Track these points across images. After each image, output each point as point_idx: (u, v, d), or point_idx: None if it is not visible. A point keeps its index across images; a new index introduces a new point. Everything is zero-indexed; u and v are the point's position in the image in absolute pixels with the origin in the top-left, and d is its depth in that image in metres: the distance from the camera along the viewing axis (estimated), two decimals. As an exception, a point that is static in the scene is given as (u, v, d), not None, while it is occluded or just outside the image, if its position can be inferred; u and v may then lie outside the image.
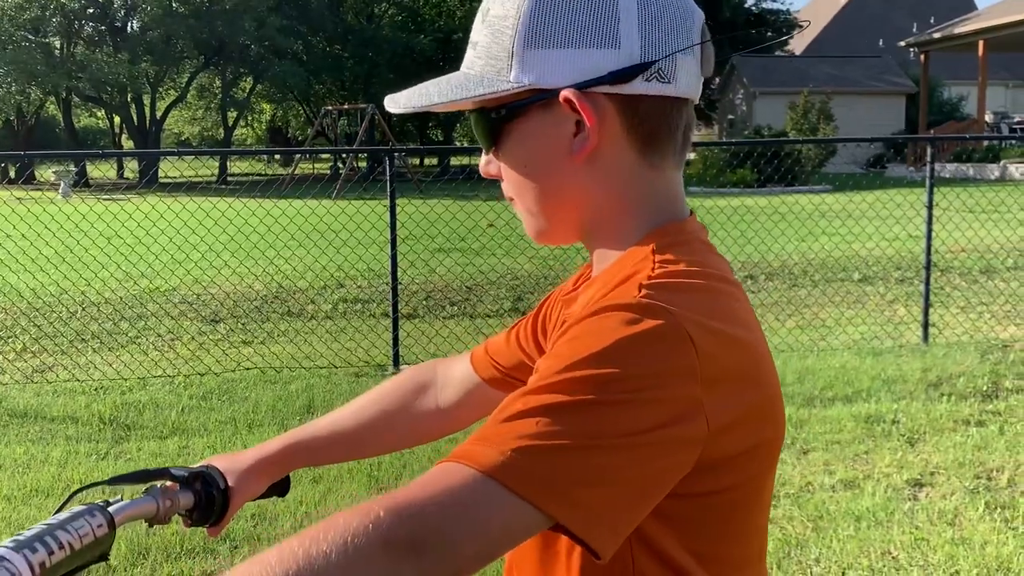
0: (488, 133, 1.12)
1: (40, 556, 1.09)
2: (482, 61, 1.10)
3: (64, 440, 5.93)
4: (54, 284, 10.58)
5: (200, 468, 1.45)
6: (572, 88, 1.04)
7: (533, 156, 1.10)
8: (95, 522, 1.19)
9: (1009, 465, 5.24)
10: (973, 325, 8.68)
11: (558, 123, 1.07)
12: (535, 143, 1.09)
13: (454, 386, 1.53)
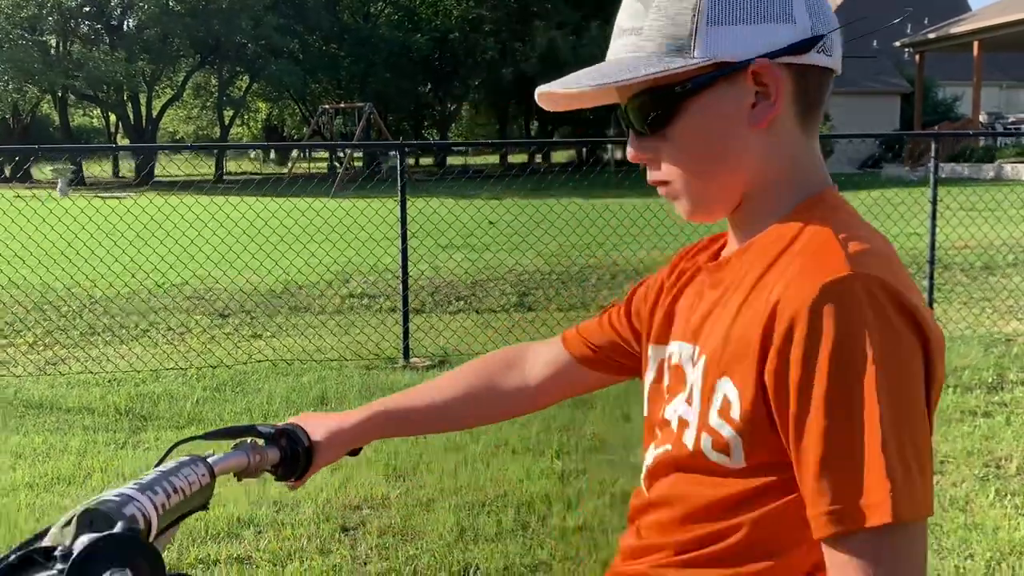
0: (663, 111, 1.17)
1: (160, 498, 1.16)
2: (654, 43, 1.15)
3: (82, 430, 5.99)
4: (61, 279, 10.61)
5: (285, 426, 1.52)
6: (762, 58, 1.13)
7: (714, 127, 1.16)
8: (199, 471, 1.26)
9: (1017, 454, 5.32)
10: (976, 320, 8.77)
11: (740, 95, 1.15)
12: (717, 114, 1.16)
13: (543, 364, 1.59)
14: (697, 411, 1.18)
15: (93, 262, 9.48)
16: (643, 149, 1.22)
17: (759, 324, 1.08)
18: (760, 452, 1.11)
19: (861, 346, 1.00)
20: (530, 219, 11.47)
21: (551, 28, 40.30)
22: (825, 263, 1.06)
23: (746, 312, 1.13)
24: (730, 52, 1.13)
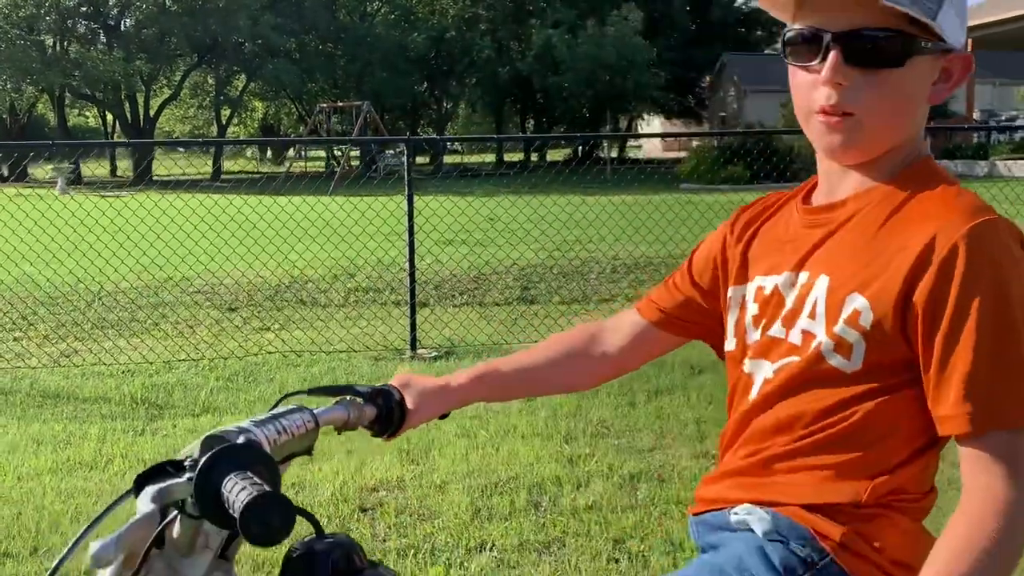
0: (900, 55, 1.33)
1: (272, 434, 1.31)
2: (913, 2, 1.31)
3: (100, 418, 6.13)
4: (69, 275, 10.75)
5: (382, 386, 1.66)
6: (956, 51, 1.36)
7: (917, 88, 1.36)
8: (305, 418, 1.40)
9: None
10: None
11: (934, 71, 1.37)
12: (922, 78, 1.36)
13: (623, 332, 1.76)
14: (823, 322, 1.36)
15: (100, 259, 9.60)
16: (848, 78, 1.34)
17: (910, 252, 1.28)
18: (877, 354, 1.31)
19: (1013, 276, 1.23)
20: (529, 217, 11.63)
21: (547, 27, 40.45)
22: (969, 208, 1.28)
23: (884, 241, 1.33)
24: (947, 36, 1.33)
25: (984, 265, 1.23)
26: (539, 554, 4.06)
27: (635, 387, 6.47)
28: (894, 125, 1.37)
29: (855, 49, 1.32)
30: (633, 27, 39.06)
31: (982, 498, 1.19)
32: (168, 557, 1.24)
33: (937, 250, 1.25)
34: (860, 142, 1.37)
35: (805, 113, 1.40)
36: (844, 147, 1.37)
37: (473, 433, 5.63)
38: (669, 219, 10.99)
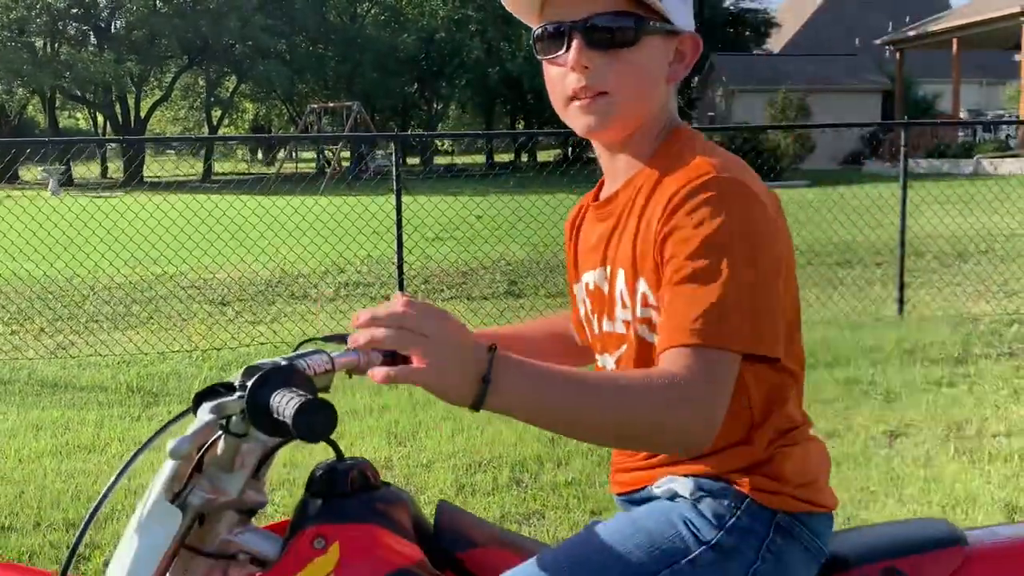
0: (633, 35, 1.49)
1: (301, 365, 1.49)
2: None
3: (97, 406, 6.31)
4: (63, 272, 10.92)
5: None
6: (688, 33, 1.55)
7: (653, 65, 1.53)
8: (323, 359, 1.58)
9: (977, 418, 5.70)
10: (946, 302, 9.16)
11: (668, 51, 1.55)
12: (657, 56, 1.53)
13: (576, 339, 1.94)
14: (631, 309, 1.53)
15: (96, 253, 9.78)
16: (591, 61, 1.49)
17: (655, 225, 1.44)
18: None
19: (725, 220, 1.36)
20: (514, 213, 11.81)
21: (536, 28, 40.62)
22: (696, 170, 1.43)
23: (644, 224, 1.48)
24: (674, 17, 1.52)
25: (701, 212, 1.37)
26: (520, 525, 4.27)
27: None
28: (641, 97, 1.53)
29: (593, 34, 1.48)
30: (622, 28, 39.29)
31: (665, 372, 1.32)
32: (210, 474, 1.45)
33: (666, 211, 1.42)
34: (615, 117, 1.52)
35: (563, 102, 1.55)
36: (601, 123, 1.53)
37: (458, 417, 5.83)
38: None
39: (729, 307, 1.33)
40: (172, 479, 1.45)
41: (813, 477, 1.54)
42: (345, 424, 5.62)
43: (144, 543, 1.42)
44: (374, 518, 1.50)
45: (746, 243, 1.36)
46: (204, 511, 1.46)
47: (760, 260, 1.37)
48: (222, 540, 1.49)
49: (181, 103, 52.23)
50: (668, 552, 1.46)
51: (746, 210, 1.38)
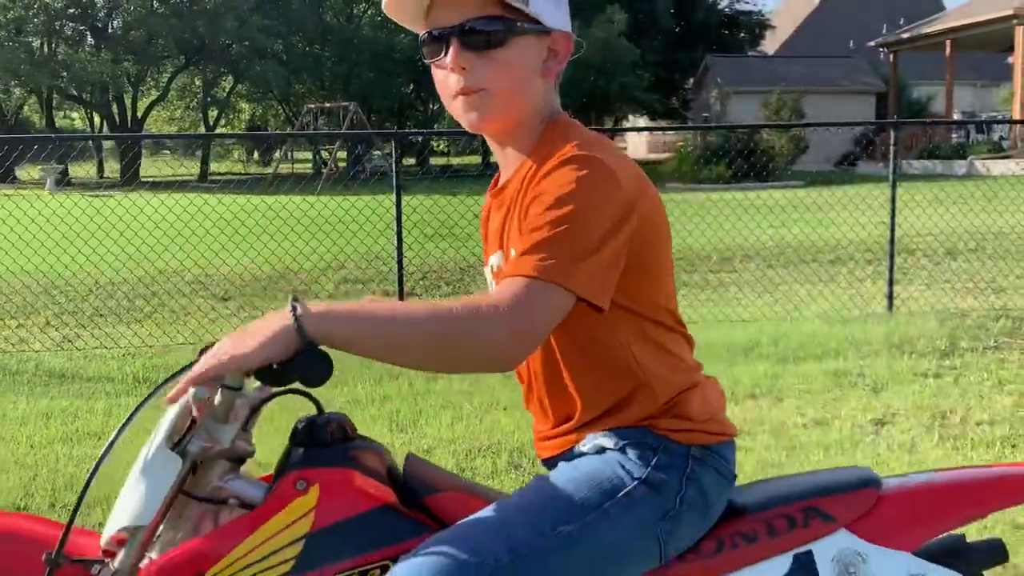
0: (503, 36, 1.68)
1: None
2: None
3: (104, 395, 6.47)
4: (67, 267, 11.07)
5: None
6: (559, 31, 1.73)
7: (526, 63, 1.72)
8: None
9: (961, 407, 5.87)
10: (935, 298, 9.35)
11: (540, 49, 1.74)
12: (529, 54, 1.72)
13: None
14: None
15: (98, 252, 9.92)
16: (468, 62, 1.68)
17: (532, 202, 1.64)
18: None
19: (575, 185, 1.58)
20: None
21: (532, 29, 40.83)
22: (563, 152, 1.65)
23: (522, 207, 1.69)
24: (544, 18, 1.70)
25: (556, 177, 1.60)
26: (518, 505, 4.43)
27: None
28: (516, 92, 1.71)
29: (468, 38, 1.66)
30: (618, 29, 39.49)
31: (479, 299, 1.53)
32: (207, 425, 1.62)
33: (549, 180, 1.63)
34: (493, 111, 1.71)
35: (449, 99, 1.74)
36: (482, 117, 1.71)
37: (458, 405, 6.00)
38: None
39: (563, 251, 1.54)
40: (173, 429, 1.62)
41: (714, 412, 1.78)
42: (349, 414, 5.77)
43: (148, 486, 1.59)
44: (350, 464, 1.68)
45: (589, 205, 1.57)
46: (200, 458, 1.64)
47: (601, 220, 1.57)
48: (214, 486, 1.67)
49: (178, 103, 52.37)
50: (608, 490, 1.67)
51: (594, 179, 1.59)
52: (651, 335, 1.72)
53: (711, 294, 9.85)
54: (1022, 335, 7.80)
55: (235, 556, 1.60)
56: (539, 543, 1.57)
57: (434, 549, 1.54)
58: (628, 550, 1.65)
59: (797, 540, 1.73)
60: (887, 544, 1.73)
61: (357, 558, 1.61)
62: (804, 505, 1.75)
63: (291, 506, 1.62)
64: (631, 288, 1.67)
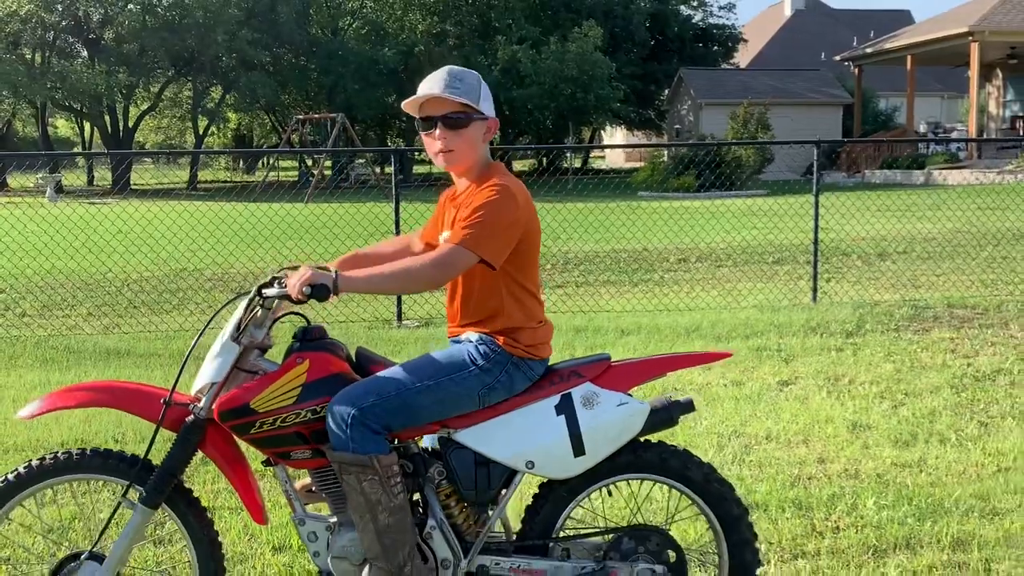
0: (465, 120, 3.14)
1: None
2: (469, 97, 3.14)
3: (159, 368, 7.85)
4: (97, 267, 12.45)
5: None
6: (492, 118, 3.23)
7: (475, 135, 3.19)
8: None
9: (851, 372, 7.36)
10: (857, 293, 10.85)
11: (483, 128, 3.21)
12: (478, 131, 3.19)
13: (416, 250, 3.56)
14: None
15: (126, 252, 11.30)
16: (446, 136, 3.13)
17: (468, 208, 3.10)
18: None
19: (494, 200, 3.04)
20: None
21: (512, 43, 42.31)
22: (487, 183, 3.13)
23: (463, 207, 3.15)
24: (485, 111, 3.18)
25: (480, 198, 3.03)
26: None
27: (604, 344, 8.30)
28: (469, 153, 3.16)
29: (447, 123, 3.13)
30: (594, 43, 40.97)
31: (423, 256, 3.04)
32: (250, 328, 3.13)
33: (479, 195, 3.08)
34: (458, 161, 3.17)
35: (432, 153, 3.17)
36: (451, 165, 3.18)
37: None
38: (622, 222, 12.80)
39: (476, 231, 2.99)
40: (235, 327, 3.08)
41: (536, 343, 3.22)
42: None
43: (218, 361, 3.11)
44: (326, 349, 3.18)
45: (495, 211, 3.03)
46: (247, 346, 3.13)
47: (501, 218, 3.03)
48: (251, 363, 3.19)
49: (167, 113, 53.62)
50: (458, 363, 3.15)
51: (501, 199, 3.05)
52: (513, 289, 3.15)
53: (665, 289, 11.33)
54: (919, 319, 9.32)
55: (265, 393, 3.07)
56: (412, 386, 3.06)
57: (354, 386, 3.08)
58: (459, 399, 3.11)
59: (563, 387, 3.19)
60: (611, 388, 3.20)
61: (327, 398, 3.06)
62: (568, 371, 3.23)
63: (294, 370, 3.10)
64: (513, 260, 3.10)
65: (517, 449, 3.14)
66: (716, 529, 3.28)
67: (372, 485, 2.99)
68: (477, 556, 3.20)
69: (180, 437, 3.16)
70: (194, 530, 3.26)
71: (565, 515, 3.27)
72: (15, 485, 3.19)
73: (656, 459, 3.24)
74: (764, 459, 5.44)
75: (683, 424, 6.03)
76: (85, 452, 3.24)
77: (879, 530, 4.42)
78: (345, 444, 2.99)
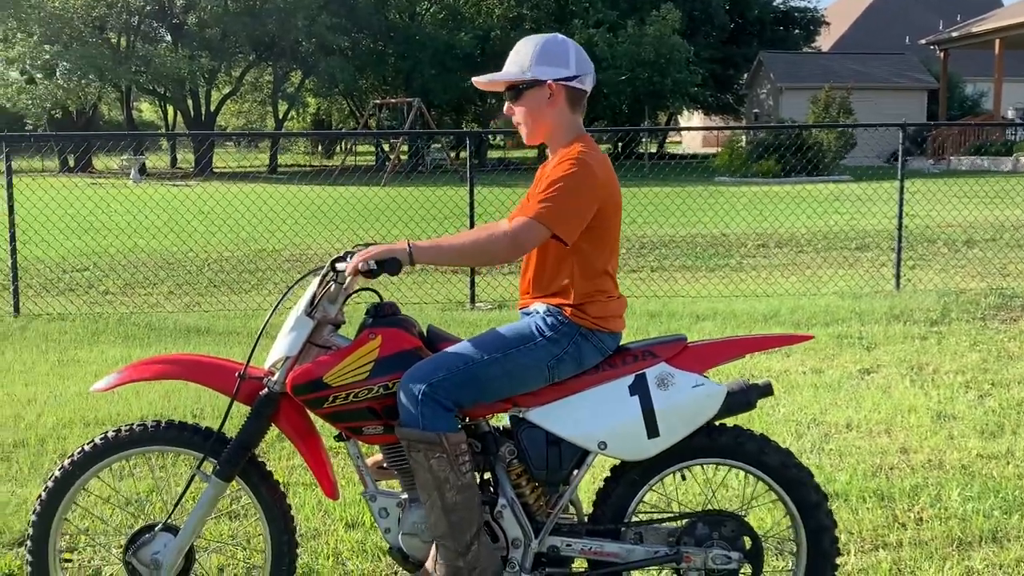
0: (517, 94, 3.13)
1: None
2: (514, 68, 3.13)
3: (238, 345, 7.96)
4: (180, 247, 12.67)
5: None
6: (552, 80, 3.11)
7: (535, 102, 3.12)
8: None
9: (935, 361, 7.16)
10: (942, 281, 10.56)
11: (544, 93, 3.12)
12: (536, 98, 3.12)
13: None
14: None
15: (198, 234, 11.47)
16: (512, 112, 3.15)
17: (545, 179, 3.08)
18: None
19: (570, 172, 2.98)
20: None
21: (588, 26, 42.07)
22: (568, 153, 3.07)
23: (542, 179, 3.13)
24: (540, 76, 3.10)
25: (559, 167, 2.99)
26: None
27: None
28: (536, 124, 3.14)
29: (509, 99, 3.14)
30: (672, 26, 40.55)
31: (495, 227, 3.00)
32: (323, 303, 3.11)
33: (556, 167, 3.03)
34: (530, 135, 3.17)
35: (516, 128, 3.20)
36: (528, 139, 3.19)
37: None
38: (699, 206, 12.63)
39: (551, 206, 2.95)
40: (308, 303, 3.06)
41: (607, 315, 3.14)
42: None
43: (293, 335, 3.09)
44: (398, 326, 3.15)
45: (572, 185, 2.97)
46: (320, 321, 3.10)
47: (578, 193, 2.98)
48: (324, 338, 3.18)
49: (248, 97, 54.39)
50: (523, 336, 3.09)
51: (579, 172, 2.98)
52: (586, 265, 3.07)
53: (743, 274, 11.15)
54: (1006, 308, 9.04)
55: (338, 368, 3.06)
56: (480, 359, 3.02)
57: (423, 362, 3.04)
58: (527, 372, 3.05)
59: (637, 367, 3.10)
60: (686, 369, 3.12)
61: (399, 373, 3.05)
62: (642, 351, 3.16)
63: (366, 345, 3.08)
64: (587, 236, 3.03)
65: (589, 429, 3.08)
66: (794, 515, 3.19)
67: (440, 463, 2.97)
68: (548, 537, 3.14)
69: (254, 410, 3.17)
70: (267, 503, 3.27)
71: (638, 498, 3.21)
72: (92, 456, 3.22)
73: (732, 443, 3.16)
74: (844, 448, 5.31)
75: (760, 411, 5.95)
76: (160, 424, 3.26)
77: (964, 522, 4.28)
78: (415, 420, 2.97)
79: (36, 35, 39.95)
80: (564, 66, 3.09)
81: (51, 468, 5.09)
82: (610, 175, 3.10)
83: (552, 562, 3.17)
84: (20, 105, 42.56)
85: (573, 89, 3.12)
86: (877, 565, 3.89)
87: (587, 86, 3.16)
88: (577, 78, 3.11)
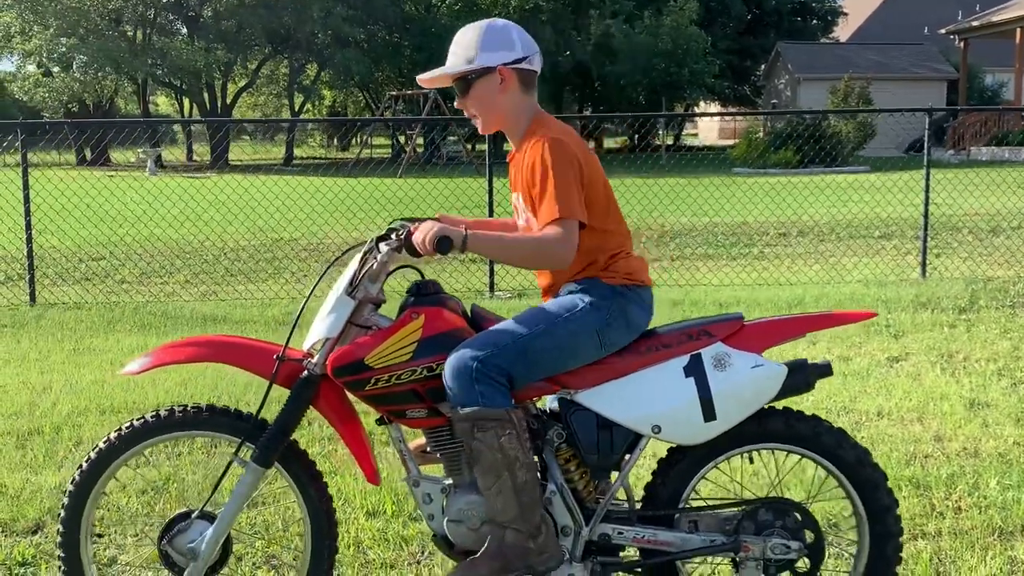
0: (467, 85, 3.00)
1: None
2: (461, 59, 2.99)
3: (254, 333, 7.85)
4: (197, 236, 12.60)
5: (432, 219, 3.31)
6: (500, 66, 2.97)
7: (486, 92, 3.00)
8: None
9: (965, 349, 7.01)
10: (969, 269, 10.39)
11: (494, 80, 2.99)
12: (483, 91, 3.00)
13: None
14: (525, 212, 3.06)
15: (212, 224, 11.39)
16: (463, 102, 3.04)
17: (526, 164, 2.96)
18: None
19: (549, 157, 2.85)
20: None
21: (605, 17, 41.83)
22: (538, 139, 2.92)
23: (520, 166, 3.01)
24: (488, 63, 2.97)
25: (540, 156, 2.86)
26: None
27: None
28: (490, 114, 3.04)
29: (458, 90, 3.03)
30: (689, 16, 40.29)
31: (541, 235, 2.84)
32: (365, 282, 2.96)
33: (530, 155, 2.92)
34: (487, 125, 3.07)
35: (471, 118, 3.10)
36: (484, 130, 3.09)
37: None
38: (717, 196, 12.49)
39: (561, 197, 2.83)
40: (350, 282, 2.93)
41: (633, 270, 3.05)
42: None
43: (333, 315, 2.96)
44: (442, 304, 3.01)
45: (559, 168, 2.86)
46: (361, 300, 2.97)
47: (567, 171, 2.86)
48: (365, 318, 3.03)
49: (264, 90, 54.37)
50: (568, 307, 2.97)
51: (557, 152, 2.87)
52: (597, 229, 2.97)
53: (765, 263, 11.00)
54: (1036, 296, 8.87)
55: (380, 349, 2.92)
56: (528, 333, 2.89)
57: (469, 341, 2.91)
58: (579, 341, 2.94)
59: (692, 347, 2.97)
60: (744, 349, 2.99)
61: (443, 354, 2.92)
62: (697, 330, 3.02)
63: (409, 325, 2.94)
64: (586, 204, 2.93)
65: (642, 412, 2.94)
66: (860, 516, 3.04)
67: (510, 440, 2.82)
68: (599, 524, 3.01)
69: (293, 394, 3.04)
70: (306, 489, 3.15)
71: (693, 484, 3.07)
72: (128, 439, 3.08)
73: (810, 432, 3.02)
74: (876, 436, 5.17)
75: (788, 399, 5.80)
76: (201, 408, 3.12)
77: (1004, 511, 4.15)
78: (475, 399, 2.82)
79: (53, 28, 40.00)
80: (510, 49, 2.98)
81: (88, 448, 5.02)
82: (575, 138, 3.00)
83: (603, 550, 3.04)
84: (37, 98, 42.67)
85: (523, 71, 3.01)
86: (918, 555, 3.76)
87: (536, 66, 3.05)
88: (526, 59, 3.01)
